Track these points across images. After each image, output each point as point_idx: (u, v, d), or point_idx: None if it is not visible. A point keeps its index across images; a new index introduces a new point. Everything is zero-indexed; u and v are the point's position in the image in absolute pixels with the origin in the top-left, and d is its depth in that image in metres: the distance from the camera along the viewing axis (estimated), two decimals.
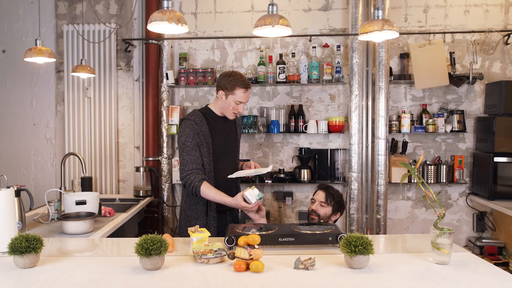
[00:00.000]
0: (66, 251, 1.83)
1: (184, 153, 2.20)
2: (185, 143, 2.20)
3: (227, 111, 2.28)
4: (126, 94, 3.89)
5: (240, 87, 2.20)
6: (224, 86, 2.22)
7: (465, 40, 3.68)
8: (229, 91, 2.21)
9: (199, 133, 2.22)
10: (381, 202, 3.51)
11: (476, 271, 1.50)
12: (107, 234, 2.29)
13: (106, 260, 1.66)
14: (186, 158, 2.19)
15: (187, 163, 2.18)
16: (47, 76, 3.91)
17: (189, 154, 2.19)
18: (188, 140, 2.20)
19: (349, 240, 1.48)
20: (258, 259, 1.51)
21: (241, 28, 3.76)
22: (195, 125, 2.22)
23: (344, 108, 3.77)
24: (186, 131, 2.22)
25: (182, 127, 2.25)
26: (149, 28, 1.89)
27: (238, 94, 2.21)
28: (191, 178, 2.15)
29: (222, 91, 2.23)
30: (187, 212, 2.33)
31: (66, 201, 2.38)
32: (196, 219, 2.29)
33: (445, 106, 3.72)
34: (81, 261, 1.64)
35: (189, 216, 2.32)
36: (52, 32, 3.89)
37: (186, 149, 2.20)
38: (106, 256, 1.78)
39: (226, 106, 2.25)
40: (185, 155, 2.19)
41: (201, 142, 2.21)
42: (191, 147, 2.19)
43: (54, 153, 3.94)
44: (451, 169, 3.64)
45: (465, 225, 3.76)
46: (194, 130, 2.21)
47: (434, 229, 1.58)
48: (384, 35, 2.04)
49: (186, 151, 2.19)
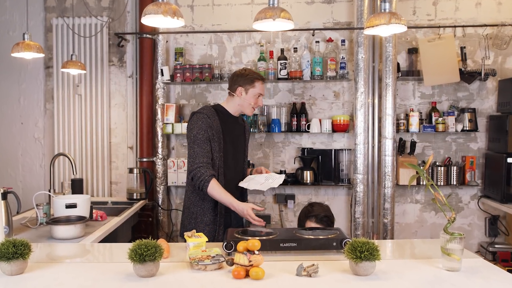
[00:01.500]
0: (56, 257, 1.83)
1: (195, 145, 2.25)
2: (196, 136, 2.26)
3: (247, 108, 2.39)
4: (119, 91, 3.89)
5: (258, 80, 2.37)
6: (242, 82, 2.36)
7: (477, 34, 3.68)
8: (249, 85, 2.35)
9: (211, 127, 2.28)
10: (388, 205, 3.51)
11: (488, 278, 1.50)
12: (99, 239, 2.28)
13: (98, 266, 1.66)
14: (197, 150, 2.24)
15: (198, 155, 2.23)
16: (36, 72, 3.91)
17: (200, 146, 2.24)
18: (200, 133, 2.26)
19: (355, 246, 1.48)
20: (258, 265, 1.51)
21: (240, 22, 3.76)
22: (207, 118, 2.29)
23: (349, 106, 3.77)
24: (198, 123, 2.28)
25: (194, 120, 2.31)
26: (143, 21, 1.89)
27: (258, 86, 2.37)
28: (201, 171, 2.19)
29: (241, 87, 2.36)
30: (192, 209, 2.34)
31: (55, 204, 2.38)
32: (203, 216, 2.31)
33: (455, 104, 3.72)
34: (71, 267, 1.64)
35: (194, 213, 2.33)
36: (40, 26, 3.89)
37: (197, 142, 2.25)
38: (98, 263, 1.78)
39: (246, 102, 2.37)
40: (196, 147, 2.24)
41: (213, 136, 2.28)
42: (203, 140, 2.25)
43: (43, 153, 3.94)
44: (462, 171, 3.64)
45: (477, 230, 3.76)
46: (206, 123, 2.28)
47: (444, 233, 1.58)
48: (391, 29, 2.04)
49: (198, 143, 2.25)
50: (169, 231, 3.79)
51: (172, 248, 1.85)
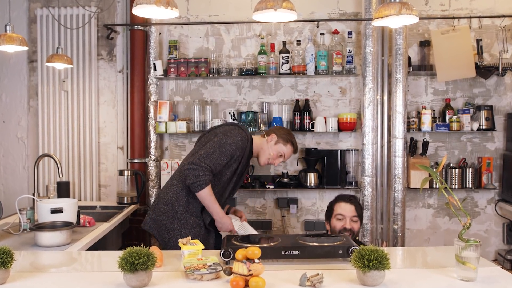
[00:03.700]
0: (40, 265, 1.83)
1: (218, 150, 2.34)
2: (226, 145, 2.36)
3: (263, 157, 2.54)
4: (108, 87, 3.89)
5: (293, 145, 2.56)
6: (281, 134, 2.54)
7: (494, 26, 3.68)
8: (283, 141, 2.53)
9: (244, 149, 2.41)
10: (399, 210, 3.51)
11: None
12: (87, 246, 2.28)
13: (86, 276, 1.66)
14: (215, 155, 2.33)
15: (211, 158, 2.32)
16: (18, 66, 3.91)
17: (220, 156, 2.34)
18: (231, 146, 2.37)
19: (362, 254, 1.48)
20: (258, 275, 1.51)
21: (239, 12, 3.76)
22: (247, 142, 2.43)
23: (356, 103, 3.77)
24: (237, 138, 2.40)
25: (236, 133, 2.43)
26: (134, 12, 1.89)
27: (287, 149, 2.55)
28: (205, 172, 2.28)
29: (277, 136, 2.53)
30: (176, 207, 2.40)
31: (40, 209, 2.38)
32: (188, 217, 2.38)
33: (471, 101, 3.72)
34: (57, 277, 1.64)
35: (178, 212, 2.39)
36: (24, 17, 3.89)
37: (222, 150, 2.35)
38: (86, 272, 1.78)
39: (267, 151, 2.52)
40: (217, 152, 2.34)
41: (238, 158, 2.40)
42: (226, 153, 2.36)
43: (27, 154, 3.94)
44: (478, 173, 3.65)
45: (494, 237, 3.77)
46: (243, 144, 2.41)
47: (459, 241, 1.58)
48: (401, 20, 2.04)
49: (222, 151, 2.34)
50: None
51: (166, 256, 1.85)
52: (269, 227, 3.72)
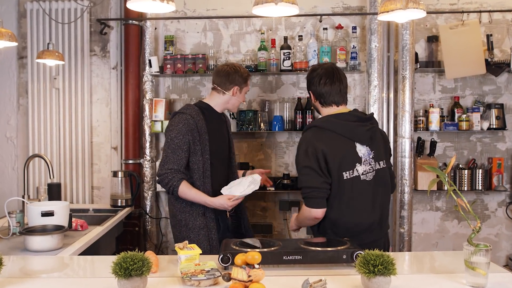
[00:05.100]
0: (30, 271, 1.83)
1: (169, 149, 2.41)
2: (173, 140, 2.40)
3: (236, 106, 2.62)
4: (101, 84, 3.89)
5: (249, 77, 2.59)
6: (239, 81, 2.54)
7: (505, 20, 3.68)
8: (244, 84, 2.56)
9: (193, 130, 2.42)
10: (405, 213, 3.51)
11: None
12: (79, 251, 2.29)
13: (78, 282, 1.66)
14: (170, 156, 2.40)
15: (168, 161, 2.40)
16: (7, 63, 3.91)
17: (174, 152, 2.39)
18: (178, 137, 2.40)
19: (367, 259, 1.48)
20: (258, 281, 1.51)
21: (239, 6, 3.76)
22: (191, 119, 2.43)
23: (361, 101, 3.77)
24: (179, 126, 2.41)
25: (175, 121, 2.44)
26: (128, 6, 1.89)
27: (248, 84, 2.61)
28: (168, 177, 2.38)
29: (237, 86, 2.54)
30: (179, 216, 2.49)
31: (30, 212, 2.37)
32: (194, 220, 2.45)
33: (481, 99, 3.73)
34: (48, 283, 1.64)
35: (182, 220, 2.47)
36: (13, 11, 3.89)
37: (172, 146, 2.40)
38: (78, 278, 1.78)
39: (237, 101, 2.57)
40: (169, 152, 2.40)
41: (194, 139, 2.42)
42: (178, 146, 2.40)
43: (16, 154, 3.94)
44: (488, 174, 3.65)
45: (505, 241, 3.77)
46: (188, 126, 2.41)
47: (468, 245, 1.58)
48: (408, 14, 2.04)
49: (172, 148, 2.40)
50: (158, 242, 3.79)
51: (162, 261, 1.85)
52: (270, 231, 3.71)
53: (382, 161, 2.22)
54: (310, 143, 2.15)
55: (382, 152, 2.24)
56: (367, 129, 2.18)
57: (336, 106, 2.26)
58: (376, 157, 2.19)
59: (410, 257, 2.21)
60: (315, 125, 2.23)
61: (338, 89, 2.24)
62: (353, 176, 2.13)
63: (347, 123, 2.17)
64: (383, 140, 2.30)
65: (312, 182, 2.11)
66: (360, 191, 2.14)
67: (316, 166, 2.10)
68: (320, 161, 2.10)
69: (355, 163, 2.14)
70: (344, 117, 2.20)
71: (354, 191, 2.13)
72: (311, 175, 2.11)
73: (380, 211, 2.18)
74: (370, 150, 2.18)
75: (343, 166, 2.12)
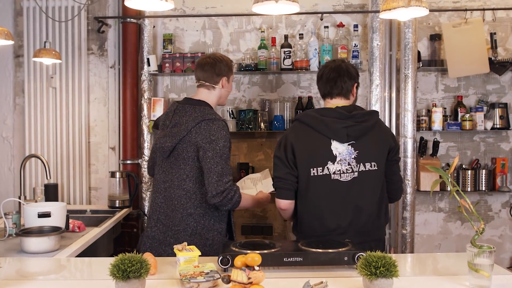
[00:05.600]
0: (27, 273, 1.83)
1: (222, 160, 2.24)
2: (222, 149, 2.25)
3: (226, 98, 2.53)
4: (99, 83, 3.89)
5: (232, 63, 2.52)
6: (225, 71, 2.43)
7: (509, 19, 3.68)
8: (230, 73, 2.46)
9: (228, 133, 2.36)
10: (408, 214, 3.51)
11: None
12: (76, 253, 2.29)
13: (75, 284, 1.66)
14: (225, 167, 2.24)
15: (227, 173, 2.24)
16: (3, 62, 3.91)
17: (227, 162, 2.28)
18: (227, 146, 2.28)
19: (369, 261, 1.48)
20: (258, 283, 1.51)
21: (238, 4, 3.76)
22: (226, 124, 2.35)
23: (362, 101, 3.77)
24: (223, 133, 2.28)
25: (218, 129, 2.27)
26: (126, 4, 1.89)
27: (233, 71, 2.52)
28: (233, 189, 2.23)
29: (225, 77, 2.43)
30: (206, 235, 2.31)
31: (26, 213, 2.38)
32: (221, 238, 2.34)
33: (484, 98, 3.72)
34: (44, 285, 1.64)
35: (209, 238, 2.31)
36: (9, 9, 3.88)
37: (224, 156, 2.25)
38: (75, 280, 1.78)
39: (228, 91, 2.49)
40: (223, 162, 2.24)
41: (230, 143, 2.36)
42: (227, 154, 2.29)
43: (12, 155, 3.94)
44: (491, 175, 3.65)
45: (509, 242, 3.76)
46: (227, 131, 2.33)
47: (472, 247, 1.58)
48: (411, 13, 2.04)
49: (225, 158, 2.26)
50: None
51: (160, 263, 1.85)
52: (270, 232, 3.71)
53: (371, 163, 2.12)
54: (285, 135, 2.22)
55: (374, 153, 2.14)
56: (343, 127, 2.10)
57: (330, 99, 2.26)
58: (361, 158, 2.11)
59: (413, 258, 2.21)
60: (297, 119, 2.27)
61: (333, 82, 2.23)
62: (322, 174, 2.10)
63: (324, 118, 2.13)
64: (382, 141, 2.20)
65: (277, 171, 2.17)
66: (329, 191, 2.10)
67: (283, 157, 2.15)
68: (287, 152, 2.14)
69: (327, 161, 2.10)
70: (326, 113, 2.17)
71: (321, 189, 2.10)
72: (278, 165, 2.17)
73: (352, 215, 2.10)
74: (353, 150, 2.11)
75: (312, 162, 2.11)
